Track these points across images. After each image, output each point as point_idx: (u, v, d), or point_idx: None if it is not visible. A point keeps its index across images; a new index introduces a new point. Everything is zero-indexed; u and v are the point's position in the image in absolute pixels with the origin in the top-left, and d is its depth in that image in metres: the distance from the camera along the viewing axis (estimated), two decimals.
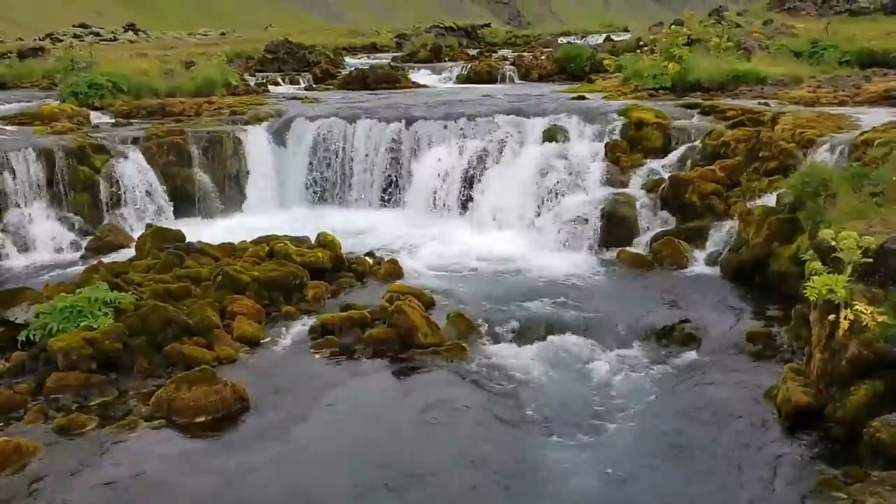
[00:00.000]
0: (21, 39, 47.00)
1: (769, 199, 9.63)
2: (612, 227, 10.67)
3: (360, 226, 12.23)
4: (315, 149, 13.67)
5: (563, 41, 32.60)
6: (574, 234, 10.77)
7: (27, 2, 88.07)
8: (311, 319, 8.35)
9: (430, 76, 23.63)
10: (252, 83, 20.51)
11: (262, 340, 7.95)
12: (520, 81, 22.13)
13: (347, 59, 29.25)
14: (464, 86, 21.50)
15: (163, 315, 7.59)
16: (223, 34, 56.62)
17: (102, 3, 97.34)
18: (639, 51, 17.92)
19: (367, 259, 10.25)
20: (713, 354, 7.35)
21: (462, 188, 12.50)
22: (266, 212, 13.12)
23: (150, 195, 12.58)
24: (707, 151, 11.29)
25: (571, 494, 5.35)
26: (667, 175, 11.17)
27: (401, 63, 26.32)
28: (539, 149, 12.37)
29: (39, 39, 43.65)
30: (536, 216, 11.50)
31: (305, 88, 21.57)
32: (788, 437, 5.82)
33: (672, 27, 17.99)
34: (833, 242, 5.89)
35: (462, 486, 5.51)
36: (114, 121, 14.83)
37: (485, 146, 12.70)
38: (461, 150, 12.81)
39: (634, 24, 47.76)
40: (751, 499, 5.18)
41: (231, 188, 13.34)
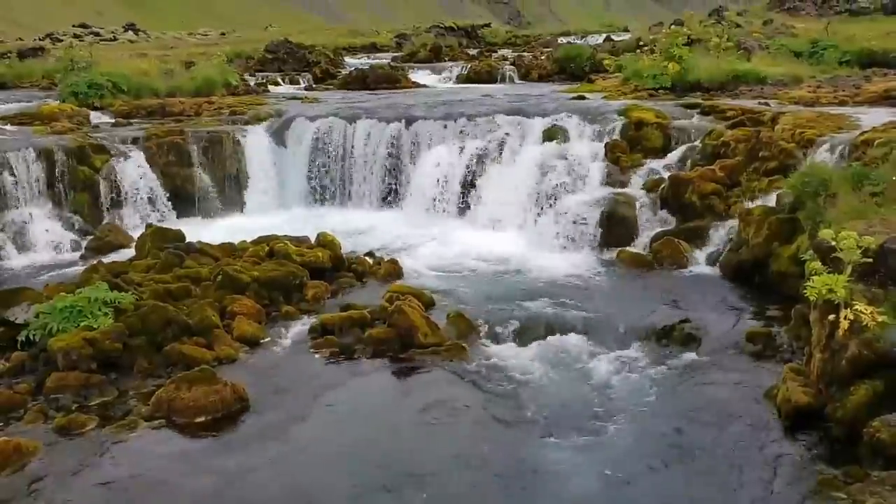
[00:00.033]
0: (21, 39, 47.00)
1: (769, 199, 9.64)
2: (612, 227, 10.66)
3: (360, 226, 12.24)
4: (315, 149, 13.67)
5: (563, 41, 32.59)
6: (574, 234, 10.77)
7: (27, 2, 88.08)
8: (311, 319, 8.35)
9: (430, 76, 23.62)
10: (252, 83, 20.52)
11: (262, 340, 7.95)
12: (520, 81, 22.13)
13: (347, 59, 29.23)
14: (464, 86, 21.50)
15: (163, 315, 7.59)
16: (223, 34, 56.61)
17: (102, 3, 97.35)
18: (639, 51, 17.91)
19: (367, 259, 10.25)
20: (713, 354, 7.35)
21: (462, 188, 12.49)
22: (266, 212, 13.13)
23: (150, 195, 12.59)
24: (707, 151, 11.29)
25: (571, 495, 5.35)
26: (667, 175, 11.16)
27: (401, 63, 26.31)
28: (539, 149, 12.36)
29: (39, 39, 43.65)
30: (536, 216, 11.50)
31: (305, 88, 21.57)
32: (788, 437, 5.82)
33: (672, 27, 17.97)
34: (833, 242, 5.89)
35: (462, 487, 5.51)
36: (114, 121, 14.83)
37: (485, 146, 12.70)
38: (461, 150, 12.81)
39: (634, 24, 47.76)
40: (751, 499, 5.18)
41: (231, 188, 13.35)
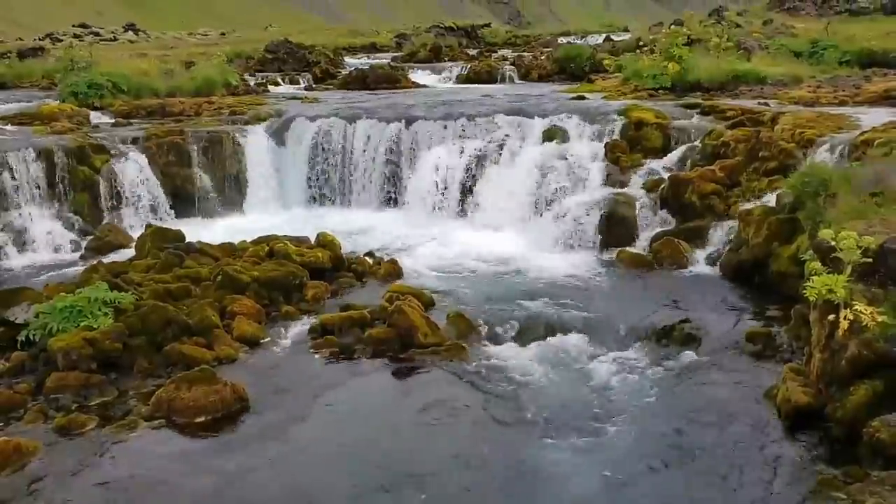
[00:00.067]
0: (21, 39, 47.01)
1: (769, 199, 9.64)
2: (612, 227, 10.66)
3: (360, 226, 12.24)
4: (315, 149, 13.67)
5: (563, 41, 32.60)
6: (574, 235, 10.77)
7: (27, 2, 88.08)
8: (311, 319, 8.35)
9: (430, 76, 23.63)
10: (252, 83, 20.53)
11: (262, 340, 7.95)
12: (520, 81, 22.14)
13: (347, 59, 29.24)
14: (463, 86, 21.50)
15: (163, 315, 7.59)
16: (223, 34, 56.63)
17: (102, 3, 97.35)
18: (639, 51, 17.92)
19: (367, 259, 10.25)
20: (713, 354, 7.34)
21: (462, 188, 12.50)
22: (266, 212, 13.14)
23: (150, 195, 12.58)
24: (707, 151, 11.29)
25: (571, 495, 5.34)
26: (666, 175, 11.16)
27: (401, 63, 26.31)
28: (539, 149, 12.37)
29: (39, 39, 43.67)
30: (536, 216, 11.50)
31: (305, 88, 21.58)
32: (788, 437, 5.82)
33: (672, 27, 17.97)
34: (833, 242, 5.89)
35: (461, 487, 5.51)
36: (114, 121, 14.83)
37: (484, 146, 12.71)
38: (461, 151, 12.81)
39: (634, 24, 47.77)
40: (751, 499, 5.17)
41: (231, 188, 13.35)
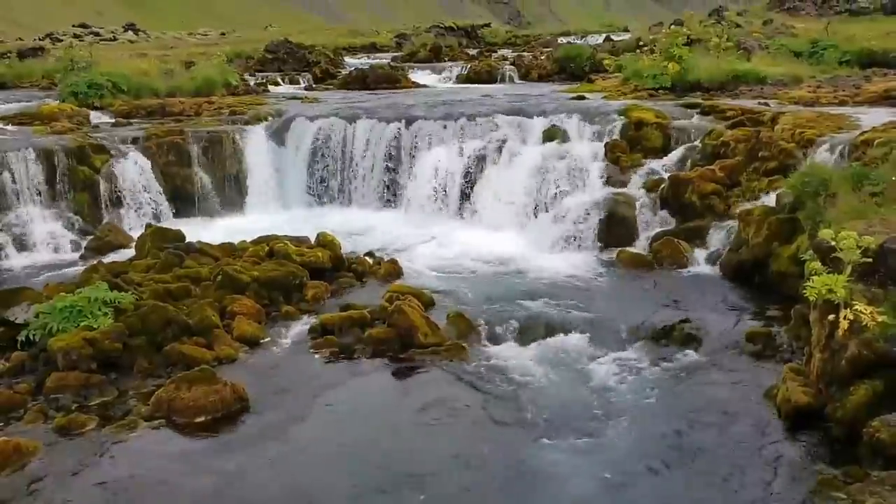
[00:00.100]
0: (21, 39, 47.01)
1: (769, 199, 9.64)
2: (612, 227, 10.67)
3: (360, 226, 12.24)
4: (315, 149, 13.67)
5: (563, 41, 32.59)
6: (574, 235, 10.77)
7: (27, 2, 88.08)
8: (311, 319, 8.35)
9: (430, 76, 23.62)
10: (252, 83, 20.52)
11: (262, 340, 7.95)
12: (520, 81, 22.12)
13: (347, 59, 29.24)
14: (464, 86, 21.50)
15: (163, 315, 7.59)
16: (223, 34, 56.63)
17: (102, 3, 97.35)
18: (639, 51, 17.91)
19: (367, 259, 10.25)
20: (713, 354, 7.35)
21: (462, 188, 12.50)
22: (266, 212, 13.14)
23: (150, 195, 12.58)
24: (707, 151, 11.29)
25: (571, 495, 5.34)
26: (666, 175, 11.16)
27: (401, 63, 26.30)
28: (539, 149, 12.36)
29: (39, 39, 43.67)
30: (536, 216, 11.51)
31: (305, 88, 21.58)
32: (788, 437, 5.82)
33: (672, 27, 17.96)
34: (833, 242, 5.89)
35: (461, 487, 5.51)
36: (114, 121, 14.83)
37: (484, 146, 12.70)
38: (461, 151, 12.81)
39: (634, 24, 47.77)
40: (751, 499, 5.17)
41: (231, 188, 13.35)
